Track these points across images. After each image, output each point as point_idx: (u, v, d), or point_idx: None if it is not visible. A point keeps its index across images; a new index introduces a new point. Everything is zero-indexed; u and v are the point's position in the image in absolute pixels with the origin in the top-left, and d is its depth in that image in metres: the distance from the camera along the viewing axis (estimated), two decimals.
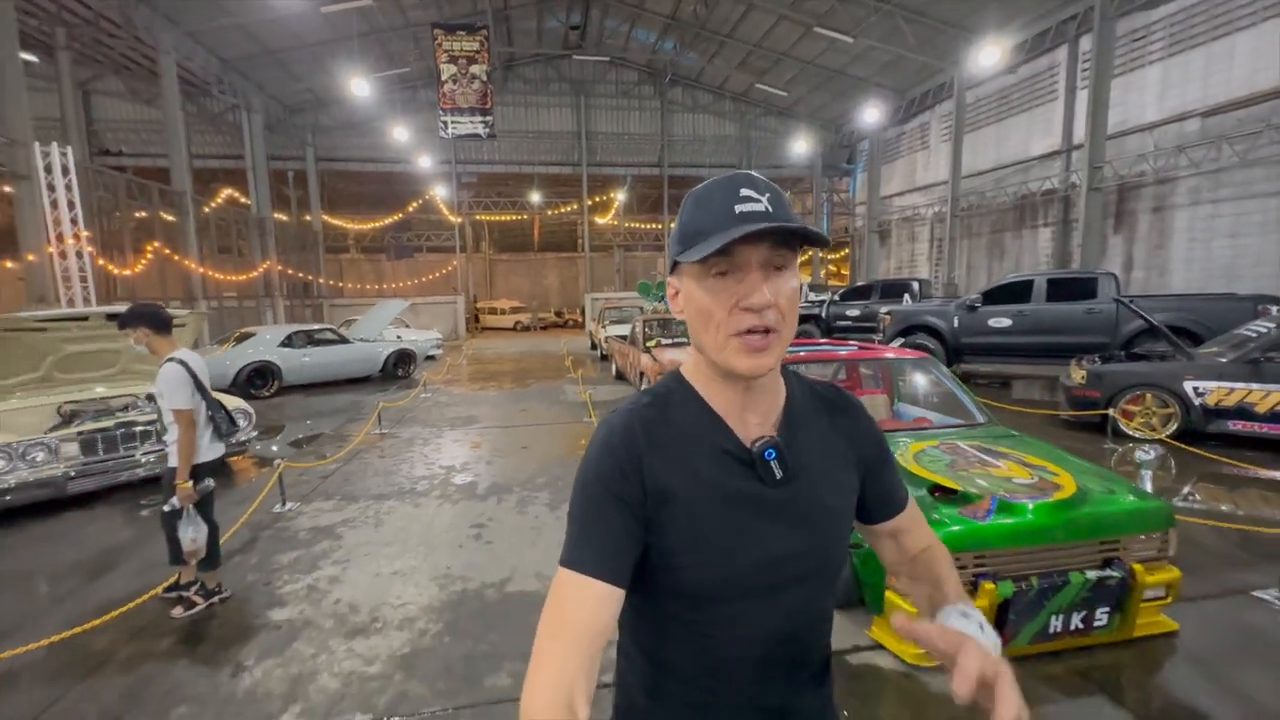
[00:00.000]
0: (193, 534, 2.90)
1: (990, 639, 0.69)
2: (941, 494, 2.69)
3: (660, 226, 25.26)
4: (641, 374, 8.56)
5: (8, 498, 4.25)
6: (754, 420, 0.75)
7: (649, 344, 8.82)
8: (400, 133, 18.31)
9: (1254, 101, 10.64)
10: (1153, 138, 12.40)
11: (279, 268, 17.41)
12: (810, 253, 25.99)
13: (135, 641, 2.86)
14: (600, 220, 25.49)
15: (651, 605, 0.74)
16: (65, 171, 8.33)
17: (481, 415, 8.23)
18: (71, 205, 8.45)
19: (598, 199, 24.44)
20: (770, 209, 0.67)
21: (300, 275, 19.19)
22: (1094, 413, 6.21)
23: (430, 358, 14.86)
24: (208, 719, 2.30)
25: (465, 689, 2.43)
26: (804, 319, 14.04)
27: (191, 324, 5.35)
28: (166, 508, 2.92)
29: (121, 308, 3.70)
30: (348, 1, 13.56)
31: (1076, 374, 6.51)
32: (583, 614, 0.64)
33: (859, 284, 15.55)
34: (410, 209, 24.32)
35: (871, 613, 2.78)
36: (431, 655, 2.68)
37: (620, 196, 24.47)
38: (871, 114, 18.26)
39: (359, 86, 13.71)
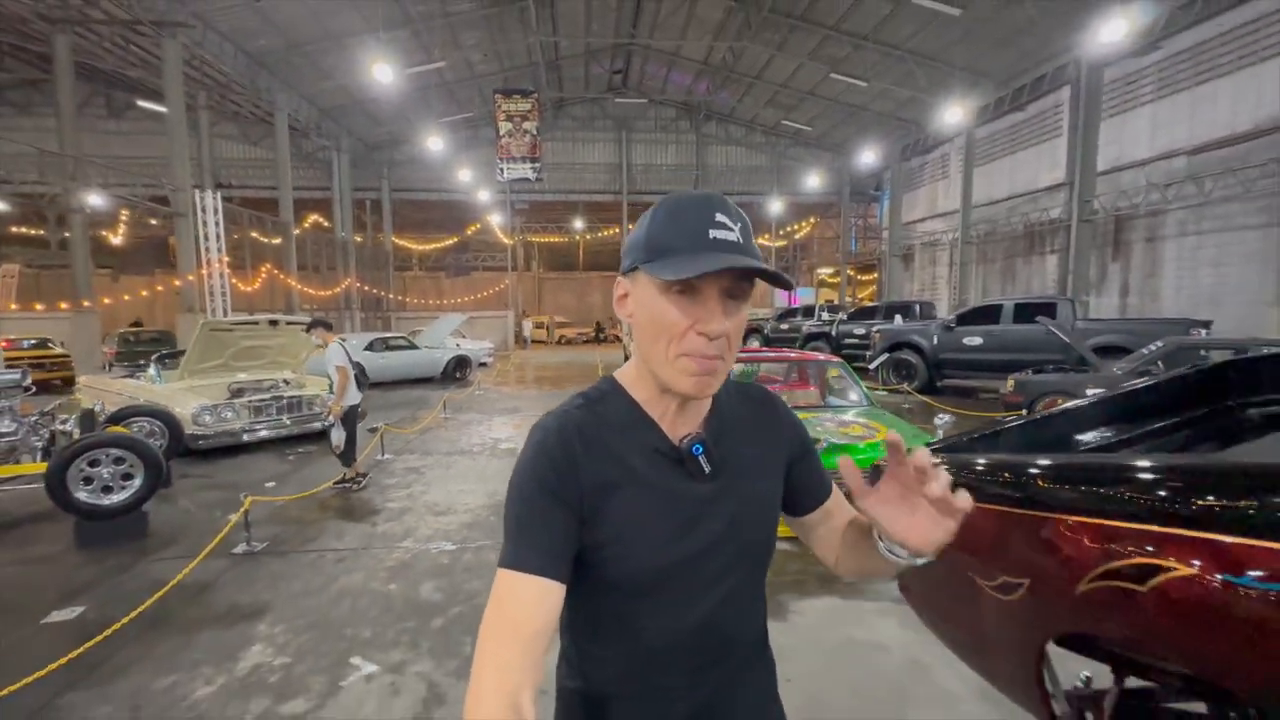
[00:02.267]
0: (336, 438, 4.97)
1: None
2: None
3: None
4: None
5: (210, 440, 6.38)
6: (682, 420, 0.78)
7: None
8: (462, 168, 20.93)
9: (1234, 142, 11.57)
10: (1145, 173, 13.36)
11: (357, 284, 20.13)
12: (839, 272, 27.16)
13: (319, 510, 4.82)
14: None
15: (588, 602, 0.75)
16: (216, 211, 10.85)
17: (523, 406, 10.16)
18: (218, 237, 10.96)
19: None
20: (740, 240, 0.69)
21: (373, 290, 21.95)
22: (1018, 413, 7.53)
23: (483, 365, 17.04)
24: (361, 544, 4.18)
25: (501, 538, 4.23)
26: (815, 336, 15.48)
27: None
28: (327, 422, 4.97)
29: (278, 317, 5.85)
30: (427, 64, 16.13)
31: (1009, 384, 7.83)
32: (526, 612, 0.65)
33: (865, 306, 16.85)
34: (469, 232, 27.05)
35: None
36: (483, 524, 4.50)
37: None
38: (893, 146, 19.60)
39: (433, 141, 16.20)
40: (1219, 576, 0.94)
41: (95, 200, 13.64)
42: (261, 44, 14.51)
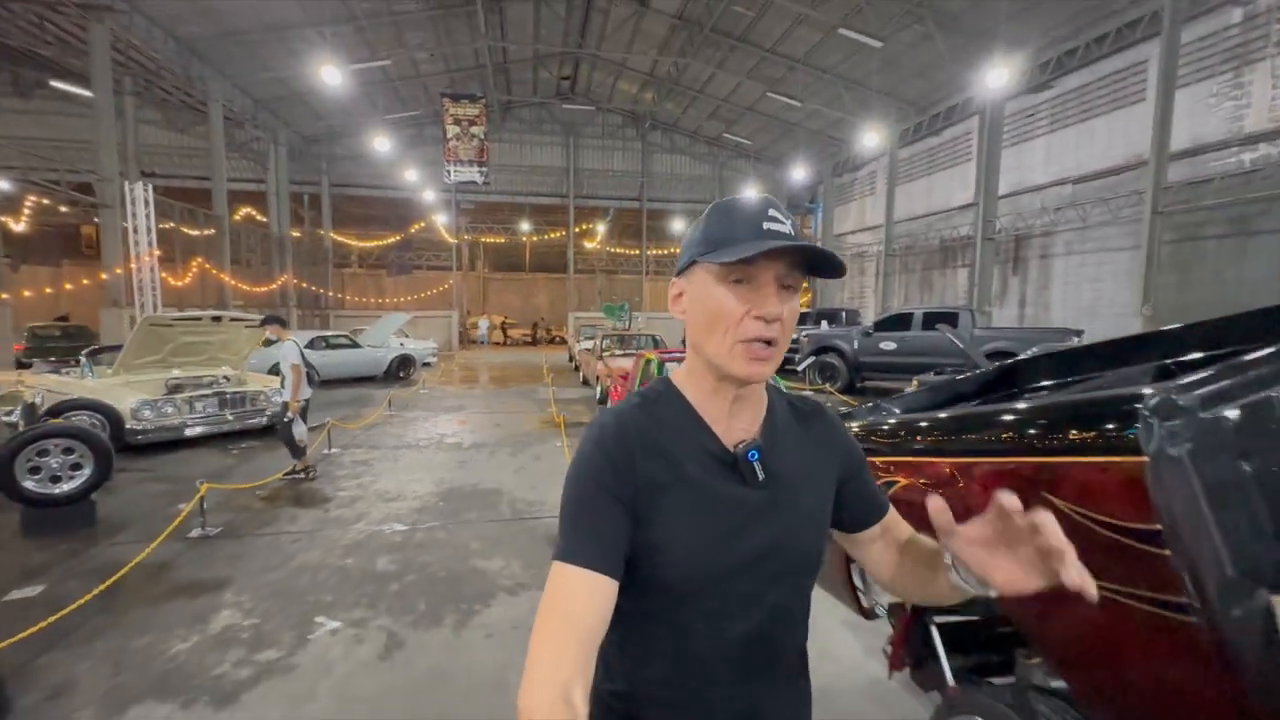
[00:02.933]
0: (300, 431, 5.14)
1: None
2: None
3: (639, 253, 27.65)
4: (598, 377, 10.77)
5: (150, 434, 6.39)
6: (738, 426, 0.79)
7: (604, 354, 11.07)
8: (407, 166, 20.75)
9: (1108, 174, 13.18)
10: (1040, 198, 14.95)
11: (294, 281, 19.61)
12: None
13: (271, 499, 5.03)
14: (587, 244, 27.93)
15: (633, 603, 0.75)
16: (147, 204, 10.55)
17: (468, 405, 10.42)
18: (149, 230, 10.65)
19: (584, 227, 26.91)
20: (793, 233, 0.72)
21: (311, 287, 21.38)
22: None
23: (427, 364, 17.01)
24: (316, 527, 4.46)
25: (450, 520, 4.61)
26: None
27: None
28: (288, 418, 5.15)
29: (222, 313, 5.99)
30: (371, 61, 16.01)
31: (913, 385, 8.81)
32: (579, 607, 0.66)
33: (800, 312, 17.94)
34: (412, 230, 26.65)
35: None
36: (433, 509, 4.87)
37: (602, 229, 26.96)
38: (826, 163, 20.87)
39: (377, 140, 16.05)
40: (919, 481, 1.54)
41: (1, 184, 12.81)
42: (195, 30, 14.05)
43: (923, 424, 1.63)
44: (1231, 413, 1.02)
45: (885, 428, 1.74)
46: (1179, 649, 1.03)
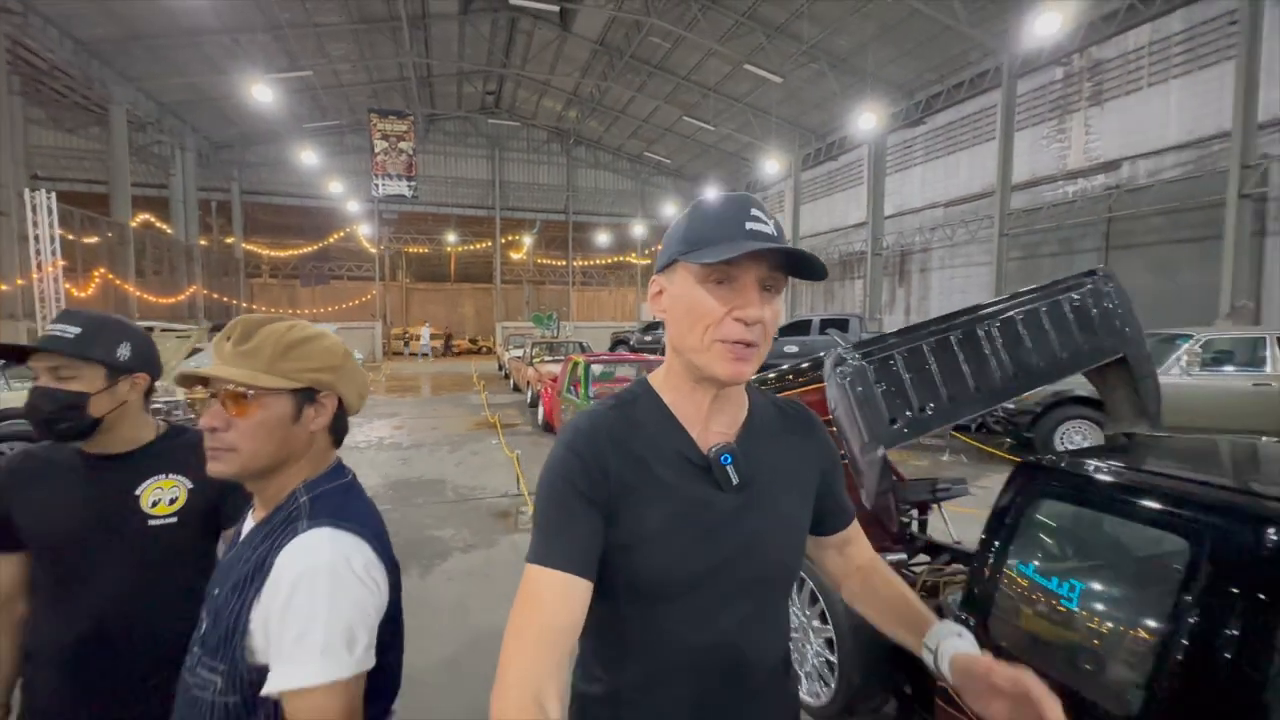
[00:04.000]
0: None
1: (974, 648, 0.74)
2: None
3: (565, 264, 28.37)
4: (529, 383, 11.42)
5: None
6: (715, 429, 0.78)
7: (534, 360, 11.76)
8: (325, 174, 20.47)
9: (970, 200, 15.34)
10: (919, 219, 17.07)
11: (204, 292, 18.83)
12: None
13: None
14: (514, 255, 28.32)
15: (608, 606, 0.74)
16: (51, 212, 10.18)
17: (403, 411, 10.77)
18: (51, 240, 10.28)
19: (510, 238, 27.31)
20: (775, 233, 0.71)
21: (222, 298, 20.53)
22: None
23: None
24: None
25: (401, 504, 5.21)
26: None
27: (195, 335, 7.69)
28: None
29: (154, 324, 6.19)
30: (291, 72, 15.90)
31: None
32: (552, 608, 0.66)
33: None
34: (331, 240, 26.01)
35: None
36: (383, 495, 5.44)
37: (529, 240, 27.49)
38: (738, 182, 22.52)
39: (295, 148, 15.91)
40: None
41: None
42: (99, 33, 13.49)
43: (783, 372, 2.61)
44: (871, 361, 2.01)
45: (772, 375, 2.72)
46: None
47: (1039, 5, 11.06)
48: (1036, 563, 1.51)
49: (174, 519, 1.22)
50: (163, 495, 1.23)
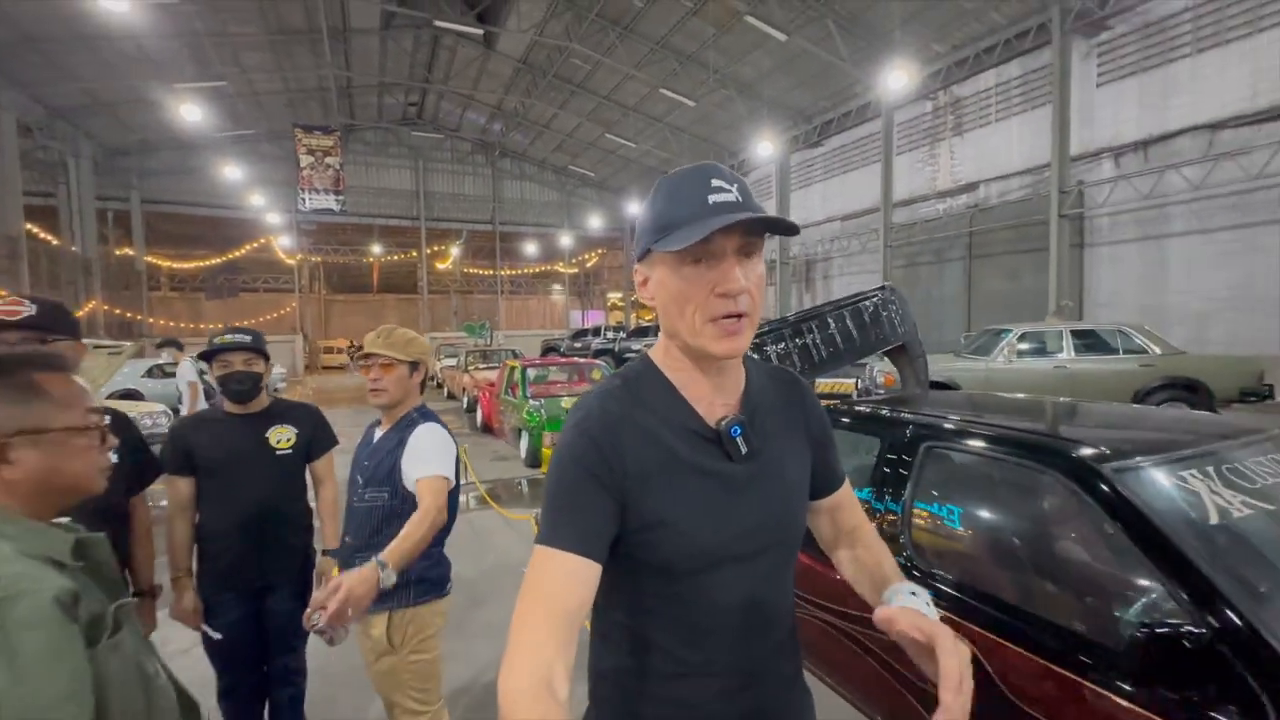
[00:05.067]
0: None
1: (931, 611, 0.75)
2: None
3: (493, 273, 28.64)
4: (464, 389, 11.94)
5: None
6: (718, 401, 0.79)
7: (469, 368, 12.30)
8: (237, 182, 19.86)
9: (861, 214, 17.24)
10: (820, 231, 18.90)
11: (104, 307, 17.79)
12: (623, 303, 31.03)
13: None
14: (440, 265, 28.26)
15: (630, 582, 0.77)
16: None
17: (336, 421, 10.96)
18: None
19: (436, 248, 27.28)
20: (740, 199, 0.70)
21: (123, 313, 19.40)
22: None
23: (277, 390, 16.57)
24: None
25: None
26: (602, 351, 18.37)
27: (126, 351, 7.78)
28: None
29: (89, 341, 6.44)
30: (202, 81, 15.53)
31: None
32: (560, 589, 0.67)
33: (643, 326, 20.43)
34: (242, 251, 24.98)
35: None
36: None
37: (456, 251, 27.60)
38: None
39: (203, 156, 15.50)
40: None
41: None
42: None
43: None
44: (784, 343, 3.01)
45: None
46: None
47: (901, 52, 12.93)
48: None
49: (290, 450, 2.01)
50: (282, 436, 2.01)
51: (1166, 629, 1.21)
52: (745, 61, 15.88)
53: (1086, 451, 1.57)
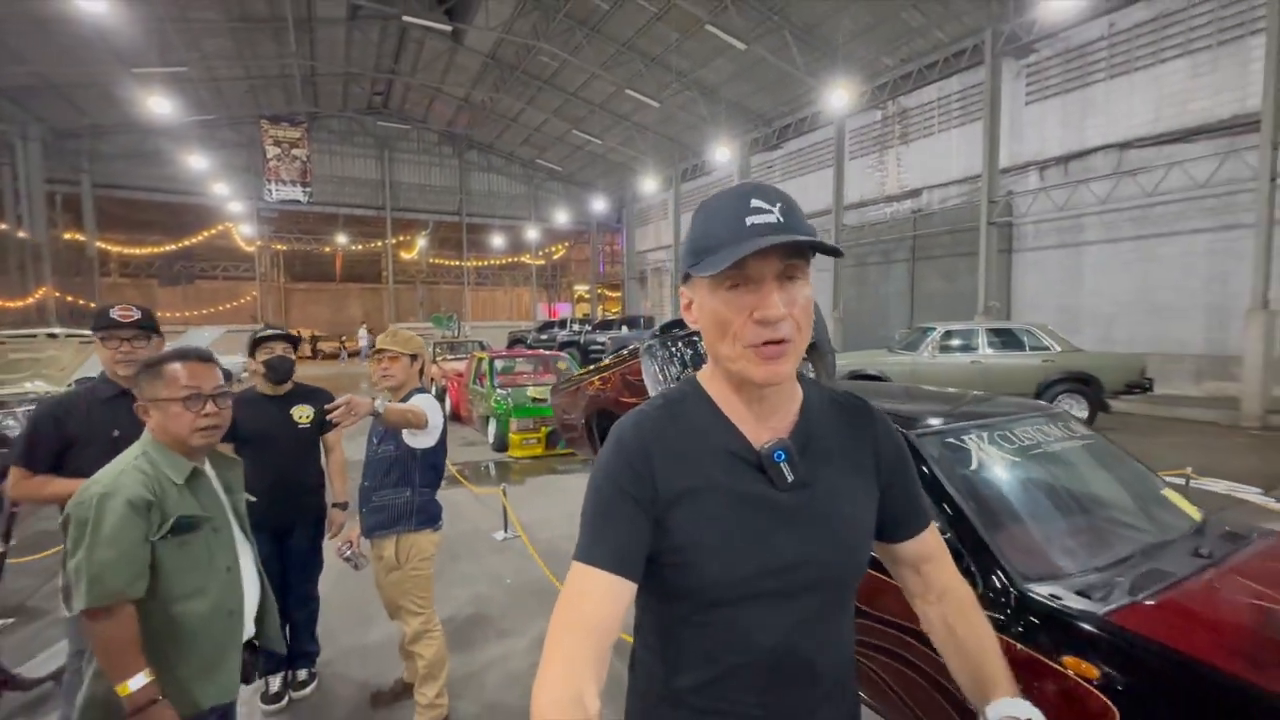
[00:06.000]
0: None
1: None
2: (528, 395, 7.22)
3: (460, 264, 28.71)
4: (433, 380, 12.31)
5: None
6: (767, 425, 0.76)
7: (437, 359, 12.67)
8: (195, 166, 19.54)
9: (817, 216, 18.07)
10: None
11: (55, 293, 17.38)
12: (602, 291, 31.49)
13: None
14: (405, 255, 28.18)
15: (663, 608, 0.76)
16: None
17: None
18: None
19: (402, 238, 27.21)
20: (781, 219, 0.67)
21: (77, 300, 18.93)
22: None
23: (240, 380, 16.53)
24: None
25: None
26: (567, 344, 18.86)
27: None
28: None
29: (58, 330, 6.64)
30: (160, 67, 15.30)
31: None
32: (594, 607, 0.67)
33: (607, 319, 21.00)
34: (199, 238, 24.46)
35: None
36: None
37: (422, 242, 27.56)
38: (628, 190, 24.26)
39: (159, 140, 15.28)
40: (594, 386, 4.04)
41: None
42: None
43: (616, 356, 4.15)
44: (667, 343, 3.63)
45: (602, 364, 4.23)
46: None
47: (852, 64, 13.75)
48: None
49: (309, 425, 2.55)
50: (302, 414, 2.54)
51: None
52: (707, 66, 16.50)
53: (898, 425, 2.25)
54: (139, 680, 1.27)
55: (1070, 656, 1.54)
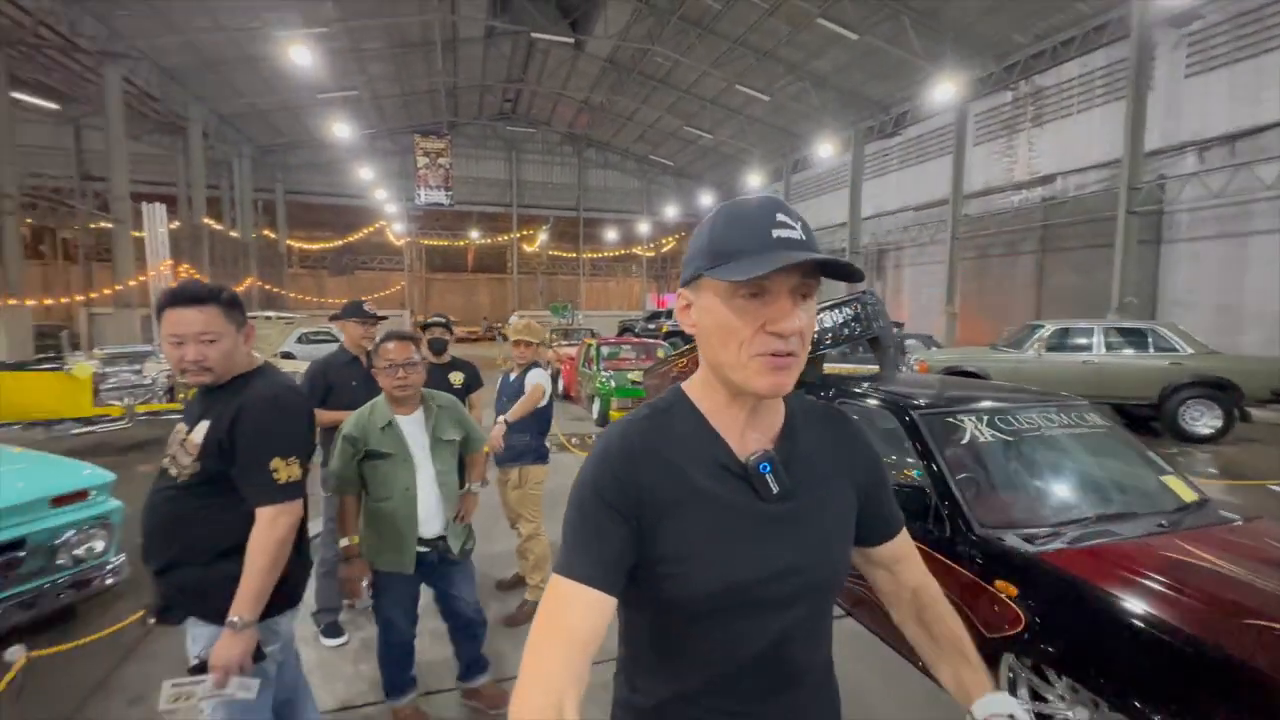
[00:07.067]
0: None
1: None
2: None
3: (577, 256, 30.58)
4: (548, 362, 13.70)
5: None
6: (753, 436, 0.76)
7: (553, 344, 14.07)
8: (358, 173, 22.81)
9: (934, 205, 17.32)
10: (893, 220, 19.09)
11: (258, 284, 21.25)
12: None
13: None
14: (528, 248, 30.58)
15: (649, 619, 0.76)
16: (162, 222, 12.52)
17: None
18: (164, 243, 12.63)
19: (525, 232, 29.55)
20: (803, 237, 0.68)
21: (270, 288, 22.96)
22: None
23: None
24: None
25: None
26: (673, 333, 19.67)
27: (297, 321, 10.04)
28: None
29: (271, 314, 8.49)
30: (336, 91, 18.14)
31: None
32: (574, 620, 0.66)
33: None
34: (362, 234, 28.37)
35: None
36: None
37: (543, 235, 29.72)
38: (737, 183, 24.52)
39: (333, 152, 18.11)
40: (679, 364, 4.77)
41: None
42: (176, 62, 15.75)
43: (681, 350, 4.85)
44: None
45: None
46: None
47: (978, 45, 13.04)
48: None
49: (461, 386, 3.52)
50: (458, 378, 3.53)
51: (917, 486, 2.41)
52: (820, 56, 16.36)
53: (906, 405, 2.74)
54: (346, 541, 2.20)
55: (1001, 581, 2.05)
